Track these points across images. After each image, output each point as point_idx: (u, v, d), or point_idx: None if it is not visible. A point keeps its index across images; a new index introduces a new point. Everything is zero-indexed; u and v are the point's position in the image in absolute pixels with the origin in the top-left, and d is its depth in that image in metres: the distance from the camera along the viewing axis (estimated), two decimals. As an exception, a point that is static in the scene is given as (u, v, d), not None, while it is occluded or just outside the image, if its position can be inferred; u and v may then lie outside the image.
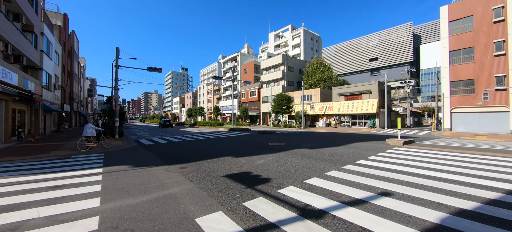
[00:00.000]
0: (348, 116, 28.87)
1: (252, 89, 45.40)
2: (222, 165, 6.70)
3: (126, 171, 6.13)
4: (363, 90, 28.33)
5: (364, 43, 67.72)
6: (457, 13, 20.87)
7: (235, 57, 60.01)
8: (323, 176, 5.34)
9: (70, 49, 29.93)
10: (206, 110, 68.69)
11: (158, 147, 11.01)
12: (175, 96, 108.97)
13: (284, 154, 8.49)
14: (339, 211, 3.36)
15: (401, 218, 3.12)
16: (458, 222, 2.98)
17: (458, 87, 20.83)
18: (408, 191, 4.22)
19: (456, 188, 4.36)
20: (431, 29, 63.62)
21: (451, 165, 6.35)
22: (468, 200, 3.73)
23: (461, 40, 20.62)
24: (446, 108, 21.44)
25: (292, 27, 61.10)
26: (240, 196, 4.03)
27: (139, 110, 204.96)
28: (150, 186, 4.73)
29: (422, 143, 11.45)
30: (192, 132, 22.43)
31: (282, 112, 29.58)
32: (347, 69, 70.38)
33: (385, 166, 6.30)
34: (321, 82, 36.89)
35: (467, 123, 20.37)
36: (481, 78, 19.47)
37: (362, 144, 11.32)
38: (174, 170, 6.09)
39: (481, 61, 19.48)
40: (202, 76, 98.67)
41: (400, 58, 60.12)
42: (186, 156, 8.41)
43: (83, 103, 44.02)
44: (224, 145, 11.31)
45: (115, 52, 15.69)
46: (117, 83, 16.05)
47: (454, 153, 8.30)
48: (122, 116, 20.63)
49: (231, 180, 5.06)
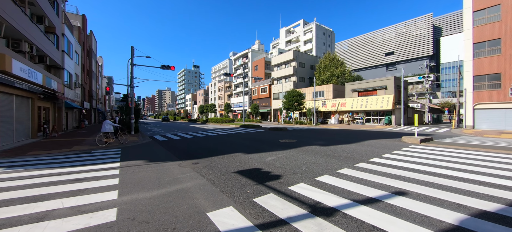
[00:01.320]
0: (362, 113, 28.08)
1: (263, 85, 45.29)
2: (233, 161, 6.78)
3: (141, 165, 6.38)
4: (378, 85, 27.37)
5: (380, 36, 65.12)
6: (483, 2, 19.48)
7: (245, 53, 60.01)
8: (335, 173, 5.27)
9: (89, 49, 31.33)
10: (218, 107, 69.53)
11: (171, 143, 11.33)
12: (187, 93, 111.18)
13: (295, 151, 8.44)
14: (351, 210, 3.30)
15: (416, 218, 3.02)
16: (479, 224, 2.83)
17: (483, 82, 19.56)
18: (425, 190, 4.06)
19: (478, 188, 4.14)
20: (453, 20, 59.89)
21: (472, 164, 6.02)
22: (490, 202, 3.54)
23: (486, 31, 19.27)
24: (468, 104, 20.24)
25: (304, 22, 60.01)
26: (251, 192, 4.08)
27: (153, 107, 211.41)
28: (164, 180, 4.90)
29: (441, 141, 10.93)
30: (204, 128, 22.84)
31: (293, 109, 29.31)
32: (361, 64, 68.19)
33: (400, 164, 6.10)
34: (333, 78, 36.07)
35: (491, 120, 19.13)
36: (508, 72, 18.14)
37: (376, 141, 10.99)
38: (186, 166, 6.26)
39: (509, 54, 18.13)
40: (214, 73, 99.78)
41: (419, 52, 57.27)
42: (198, 152, 8.59)
43: (101, 101, 46.11)
44: (235, 142, 11.43)
45: (130, 51, 16.23)
46: (132, 81, 16.62)
47: (476, 152, 7.85)
48: (138, 113, 21.41)
49: (242, 176, 5.12)
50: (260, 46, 68.88)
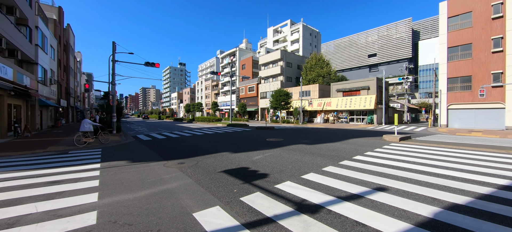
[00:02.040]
0: (346, 112, 29.00)
1: (251, 84, 45.29)
2: (220, 160, 6.73)
3: (124, 166, 6.14)
4: (361, 86, 28.39)
5: (363, 39, 67.58)
6: (456, 9, 20.85)
7: (233, 52, 59.62)
8: (320, 171, 5.40)
9: (66, 43, 29.52)
10: (205, 105, 68.51)
11: (156, 143, 11.01)
12: (173, 91, 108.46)
13: (282, 149, 8.54)
14: (335, 206, 3.41)
15: (395, 213, 3.18)
16: (451, 217, 3.04)
17: (455, 83, 20.96)
18: (403, 186, 4.28)
19: (450, 183, 4.44)
20: (430, 25, 63.56)
21: (445, 160, 6.44)
22: (461, 195, 3.81)
23: (459, 37, 20.66)
24: (443, 105, 21.60)
25: (291, 22, 60.72)
26: (238, 191, 4.07)
27: (136, 105, 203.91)
28: (148, 181, 4.75)
29: (418, 139, 11.57)
30: (190, 127, 22.42)
31: (280, 108, 29.61)
32: (346, 65, 70.39)
33: (381, 161, 6.38)
34: (319, 78, 36.87)
35: (463, 120, 20.57)
36: (478, 74, 19.59)
37: (359, 140, 11.41)
38: (172, 166, 6.12)
39: (478, 58, 19.57)
40: (200, 71, 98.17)
41: (399, 54, 60.16)
42: (184, 151, 8.43)
43: (80, 98, 43.67)
44: (222, 141, 11.34)
45: (112, 46, 15.52)
46: (114, 78, 15.92)
47: (449, 149, 8.41)
48: (120, 112, 20.55)
49: (229, 176, 5.09)
50: (247, 45, 68.74)
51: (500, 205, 3.40)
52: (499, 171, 5.31)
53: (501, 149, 8.27)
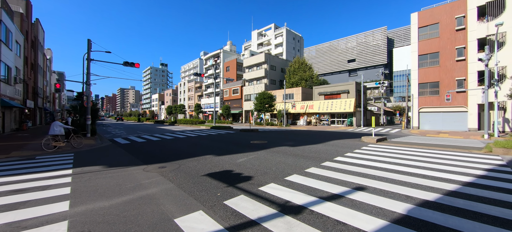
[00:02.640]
0: (328, 115, 29.98)
1: (235, 87, 45.13)
2: (203, 164, 6.60)
3: (99, 171, 5.78)
4: (341, 90, 29.57)
5: (343, 44, 70.65)
6: (426, 20, 22.61)
7: (217, 54, 59.07)
8: (303, 173, 5.51)
9: (34, 40, 27.24)
10: (187, 107, 66.90)
11: (135, 146, 10.52)
12: (154, 92, 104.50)
13: (266, 152, 8.59)
14: (317, 206, 3.50)
15: (373, 211, 3.34)
16: (422, 212, 3.26)
17: (425, 88, 22.64)
18: (380, 185, 4.52)
19: (421, 181, 4.77)
20: (403, 34, 68.17)
21: (417, 160, 6.91)
22: (431, 192, 4.10)
23: (428, 45, 22.40)
24: (414, 108, 23.20)
25: (275, 26, 61.67)
26: (221, 195, 4.02)
27: (114, 107, 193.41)
28: (126, 187, 4.51)
29: (393, 141, 12.30)
30: (172, 130, 21.73)
31: (264, 111, 29.82)
32: (327, 69, 72.97)
33: (360, 162, 6.67)
34: (302, 82, 37.78)
35: (432, 122, 22.25)
36: (444, 81, 21.35)
37: (340, 141, 11.84)
38: (152, 170, 5.88)
39: (445, 65, 21.35)
40: (183, 72, 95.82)
41: (376, 60, 63.70)
42: (166, 155, 8.14)
43: (49, 99, 40.38)
44: (206, 144, 11.14)
45: (87, 44, 14.62)
46: (89, 78, 14.99)
47: (420, 149, 9.03)
48: (95, 113, 19.37)
49: (212, 179, 5.01)
50: (232, 47, 68.54)
51: (464, 200, 3.72)
52: (463, 169, 5.81)
53: (464, 149, 9.06)
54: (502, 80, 18.26)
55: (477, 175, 5.27)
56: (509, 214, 3.19)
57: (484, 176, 5.19)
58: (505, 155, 7.79)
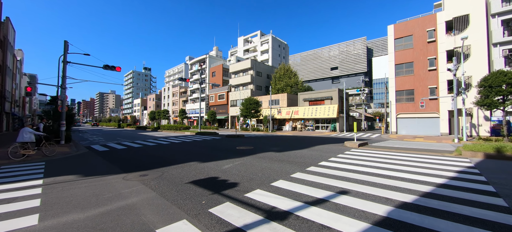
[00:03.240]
0: (312, 120, 30.68)
1: (221, 92, 44.84)
2: (188, 171, 6.42)
3: (73, 181, 5.40)
4: (325, 96, 30.50)
5: (326, 53, 73.34)
6: (401, 32, 24.21)
7: (203, 59, 58.55)
8: (289, 178, 5.56)
9: (3, 39, 25.25)
10: (171, 113, 65.12)
11: (115, 154, 10.00)
12: (136, 97, 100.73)
13: (252, 158, 8.56)
14: (302, 211, 3.53)
15: (356, 214, 3.43)
16: (401, 214, 3.42)
17: (402, 96, 24.04)
18: (362, 188, 4.67)
19: (400, 184, 5.01)
20: (381, 44, 72.32)
21: (396, 163, 7.26)
22: (408, 194, 4.32)
23: (404, 56, 23.92)
24: (392, 114, 24.48)
25: (261, 33, 62.61)
26: (206, 203, 3.92)
27: (92, 112, 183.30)
28: (104, 197, 4.26)
29: (374, 145, 12.84)
30: (154, 136, 20.98)
31: (250, 116, 29.85)
32: (311, 76, 75.12)
33: (343, 166, 6.87)
34: (287, 88, 38.47)
35: (409, 127, 23.59)
36: (419, 88, 22.84)
37: (324, 146, 12.14)
38: (133, 178, 5.61)
39: (419, 74, 22.89)
40: (168, 77, 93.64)
41: (357, 69, 66.73)
42: (147, 162, 7.82)
43: (19, 103, 37.33)
44: (190, 150, 10.87)
45: (64, 46, 13.83)
46: (65, 81, 14.13)
47: (398, 153, 9.51)
48: (70, 119, 18.22)
49: (197, 186, 4.88)
50: (218, 52, 68.34)
51: (438, 201, 3.95)
52: (437, 171, 6.20)
53: (437, 153, 9.68)
54: (468, 88, 19.92)
55: (449, 176, 5.64)
56: (478, 213, 3.44)
57: (455, 177, 5.57)
58: (473, 157, 8.44)
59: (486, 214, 3.41)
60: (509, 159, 7.98)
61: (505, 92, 14.19)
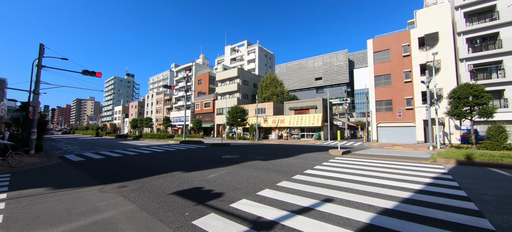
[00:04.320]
0: (298, 129, 31.15)
1: (207, 100, 44.34)
2: (171, 181, 6.18)
3: (42, 195, 4.97)
4: (310, 105, 31.25)
5: (311, 63, 75.83)
6: (379, 46, 25.74)
7: (189, 66, 57.89)
8: (275, 187, 5.53)
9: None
10: (155, 121, 63.03)
11: (91, 164, 9.39)
12: (117, 104, 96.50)
13: (238, 166, 8.45)
14: (288, 221, 3.51)
15: (340, 222, 3.48)
16: (383, 220, 3.51)
17: (381, 106, 25.29)
18: (346, 196, 4.76)
19: (381, 190, 5.17)
20: (362, 57, 76.26)
21: (377, 171, 7.52)
22: (389, 200, 4.47)
23: (382, 68, 25.36)
24: (373, 123, 25.59)
25: (248, 43, 63.50)
26: (189, 214, 3.77)
27: (67, 119, 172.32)
28: (77, 211, 3.94)
29: (357, 153, 13.25)
30: (136, 145, 20.07)
31: (237, 125, 29.69)
32: (297, 86, 76.92)
33: (328, 174, 6.99)
34: (274, 97, 38.98)
35: (388, 135, 24.72)
36: (396, 99, 24.19)
37: (309, 154, 12.31)
38: (110, 190, 5.27)
39: (396, 86, 24.30)
40: (152, 84, 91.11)
41: (339, 79, 69.47)
42: (127, 173, 7.42)
43: (-18, 110, 34.11)
44: (174, 159, 10.51)
45: (39, 49, 13.02)
46: (38, 86, 13.21)
47: (379, 161, 9.88)
48: (42, 127, 16.98)
49: (180, 198, 4.70)
50: (205, 60, 68.02)
51: (417, 206, 4.12)
52: (414, 177, 6.50)
53: (414, 160, 10.19)
54: (440, 99, 21.45)
55: (426, 182, 5.93)
56: (452, 217, 3.63)
57: (431, 183, 5.87)
58: (446, 164, 8.98)
59: (459, 218, 3.61)
60: (478, 165, 8.60)
61: (472, 103, 15.44)
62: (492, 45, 20.06)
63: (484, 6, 20.72)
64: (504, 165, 8.20)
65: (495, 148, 14.57)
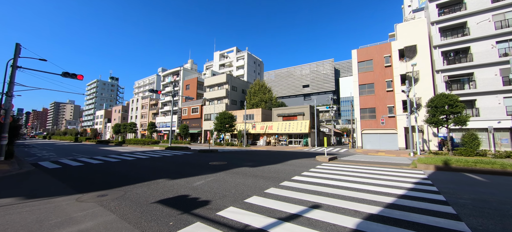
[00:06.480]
0: (286, 135, 31.41)
1: (194, 105, 43.66)
2: (155, 189, 5.93)
3: (11, 205, 4.57)
4: (297, 112, 31.73)
5: (299, 71, 77.51)
6: (363, 56, 26.89)
7: (177, 71, 56.97)
8: (262, 193, 5.48)
9: None
10: (140, 126, 60.91)
11: (68, 171, 8.83)
12: (99, 108, 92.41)
13: (225, 173, 8.31)
14: (276, 228, 3.47)
15: (327, 228, 3.49)
16: (368, 225, 3.57)
17: (365, 113, 26.22)
18: (333, 202, 4.82)
19: (367, 196, 5.29)
20: (347, 66, 79.11)
21: (362, 176, 7.71)
22: (374, 206, 4.57)
23: (366, 77, 26.43)
24: (358, 130, 26.40)
25: (237, 49, 63.82)
26: (174, 224, 3.63)
27: (43, 123, 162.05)
28: (50, 223, 3.66)
29: (343, 159, 13.55)
30: (118, 151, 19.20)
31: (225, 131, 29.40)
32: (285, 93, 78.05)
33: (315, 180, 7.05)
34: (262, 103, 39.20)
35: (372, 142, 25.58)
36: (379, 107, 25.21)
37: (297, 161, 12.40)
38: (88, 200, 4.96)
39: (379, 94, 25.36)
40: (137, 88, 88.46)
41: (326, 87, 71.43)
42: (108, 181, 7.05)
43: None
44: (159, 166, 10.15)
45: (14, 49, 12.24)
46: (12, 88, 12.35)
47: (364, 167, 10.15)
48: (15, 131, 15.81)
49: (165, 206, 4.51)
50: (193, 65, 67.34)
51: (400, 211, 4.25)
52: (397, 183, 6.73)
53: (397, 165, 10.58)
54: (419, 108, 22.63)
55: (408, 188, 6.16)
56: (432, 221, 3.77)
57: (413, 188, 6.10)
58: (426, 169, 9.41)
59: (439, 221, 3.76)
60: (454, 170, 9.09)
61: (447, 112, 16.43)
62: (464, 58, 21.63)
63: (457, 22, 22.40)
64: (478, 170, 8.73)
65: (469, 154, 15.52)
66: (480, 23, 21.05)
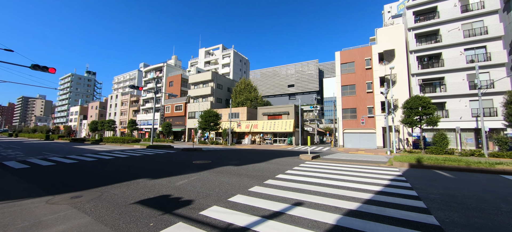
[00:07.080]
0: (271, 134, 31.70)
1: (178, 103, 42.53)
2: (134, 189, 5.70)
3: (-31, 210, 4.14)
4: (283, 111, 32.14)
5: (284, 71, 78.48)
6: (345, 58, 27.85)
7: (160, 67, 55.06)
8: (246, 192, 5.49)
9: None
10: (119, 123, 58.14)
11: (38, 172, 8.19)
12: (74, 104, 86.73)
13: (209, 172, 8.21)
14: (259, 226, 3.49)
15: (309, 224, 3.58)
16: (347, 221, 3.73)
17: (347, 113, 27.22)
18: (315, 199, 4.95)
19: (346, 192, 5.51)
20: (331, 67, 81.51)
21: (343, 174, 8.01)
22: (353, 202, 4.77)
23: (348, 79, 27.42)
24: (340, 129, 27.35)
25: (223, 47, 63.11)
26: (155, 225, 3.51)
27: (10, 120, 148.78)
28: (16, 227, 3.37)
29: (325, 157, 13.97)
30: (95, 150, 18.18)
31: (209, 129, 28.98)
32: (270, 92, 78.66)
33: (298, 178, 7.20)
34: (247, 102, 39.16)
35: (353, 141, 26.64)
36: (360, 107, 26.30)
37: (281, 159, 12.58)
38: (60, 201, 4.64)
39: (359, 95, 26.45)
40: (117, 84, 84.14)
41: (310, 87, 73.07)
42: (83, 181, 6.65)
43: None
44: (139, 165, 9.77)
45: (-29, 36, 11.05)
46: (-30, 80, 11.15)
47: (345, 165, 10.56)
48: (-26, 128, 14.32)
49: (145, 207, 4.36)
50: (177, 62, 65.45)
51: (376, 206, 4.48)
52: (375, 180, 7.08)
53: (375, 163, 11.13)
54: (396, 109, 23.94)
55: (384, 184, 6.50)
56: (405, 215, 4.02)
57: (389, 185, 6.45)
58: (401, 167, 9.99)
59: (411, 215, 4.02)
60: (426, 167, 9.75)
61: (421, 113, 17.56)
62: (437, 63, 23.22)
63: (430, 29, 23.98)
64: (446, 167, 9.44)
65: (439, 152, 16.73)
66: (451, 31, 22.71)
